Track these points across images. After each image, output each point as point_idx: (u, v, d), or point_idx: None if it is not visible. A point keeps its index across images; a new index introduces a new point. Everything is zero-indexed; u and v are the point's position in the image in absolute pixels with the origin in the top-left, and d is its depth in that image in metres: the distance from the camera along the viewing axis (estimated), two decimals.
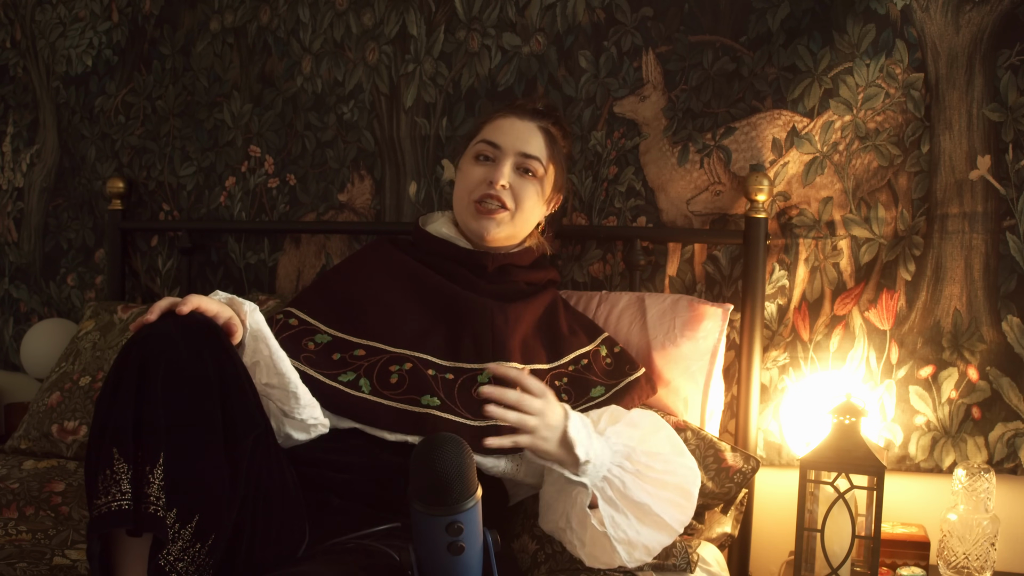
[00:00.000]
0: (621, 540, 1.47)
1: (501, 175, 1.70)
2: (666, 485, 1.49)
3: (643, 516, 1.47)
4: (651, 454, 1.50)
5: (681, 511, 1.51)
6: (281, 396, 1.53)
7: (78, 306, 2.63)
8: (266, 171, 2.41)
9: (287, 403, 1.53)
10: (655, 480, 1.49)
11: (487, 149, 1.73)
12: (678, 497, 1.51)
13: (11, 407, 2.65)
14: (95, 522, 1.24)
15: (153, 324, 1.34)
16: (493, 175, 1.70)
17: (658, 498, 1.48)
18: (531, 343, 1.69)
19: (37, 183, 2.70)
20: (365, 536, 1.46)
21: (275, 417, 1.54)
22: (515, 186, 1.71)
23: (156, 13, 2.52)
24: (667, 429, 1.58)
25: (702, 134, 2.05)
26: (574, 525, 1.50)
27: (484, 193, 1.70)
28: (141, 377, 1.28)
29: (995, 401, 1.89)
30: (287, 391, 1.52)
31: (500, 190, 1.70)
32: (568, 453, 1.44)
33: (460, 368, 1.63)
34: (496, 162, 1.72)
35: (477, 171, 1.73)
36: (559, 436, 1.44)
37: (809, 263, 2.01)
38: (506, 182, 1.70)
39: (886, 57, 1.93)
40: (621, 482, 1.46)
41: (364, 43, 2.32)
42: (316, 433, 1.59)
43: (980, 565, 1.74)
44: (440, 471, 1.19)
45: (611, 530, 1.46)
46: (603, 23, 2.12)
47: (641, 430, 1.54)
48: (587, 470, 1.45)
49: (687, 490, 1.52)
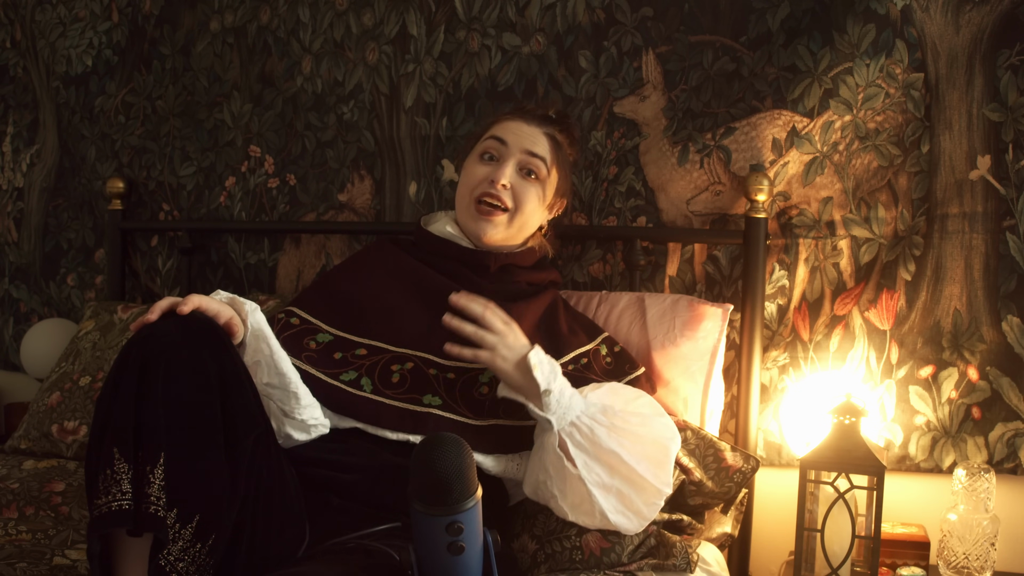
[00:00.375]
0: (595, 483, 1.49)
1: (503, 174, 1.70)
2: (641, 439, 1.52)
3: (616, 465, 1.50)
4: (629, 412, 1.54)
5: (657, 466, 1.53)
6: (282, 396, 1.53)
7: (78, 306, 2.63)
8: (266, 171, 2.41)
9: (288, 403, 1.53)
10: (630, 434, 1.51)
11: (493, 146, 1.74)
12: (653, 451, 1.53)
13: (11, 407, 2.65)
14: (95, 522, 1.24)
15: (154, 324, 1.34)
16: (496, 174, 1.70)
17: (631, 451, 1.50)
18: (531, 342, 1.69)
19: (37, 183, 2.70)
20: (365, 536, 1.46)
21: (275, 417, 1.54)
22: (516, 187, 1.71)
23: (156, 13, 2.52)
24: (648, 397, 1.62)
25: (702, 134, 2.05)
26: (551, 471, 1.52)
27: (485, 192, 1.71)
28: (142, 377, 1.28)
29: (995, 401, 1.89)
30: (288, 391, 1.52)
31: (501, 189, 1.70)
32: (528, 380, 1.51)
33: (461, 367, 1.63)
34: (500, 161, 1.72)
35: (481, 169, 1.73)
36: (518, 358, 1.53)
37: (809, 263, 2.01)
38: (507, 181, 1.70)
39: (886, 57, 1.93)
40: (590, 429, 1.49)
41: (364, 43, 2.32)
42: (316, 433, 1.59)
43: (980, 565, 1.74)
44: (440, 471, 1.19)
45: (584, 472, 1.49)
46: (603, 23, 2.12)
47: (622, 397, 1.57)
48: (550, 404, 1.49)
49: (664, 445, 1.54)
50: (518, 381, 1.54)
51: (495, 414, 1.61)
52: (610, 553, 1.57)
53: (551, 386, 1.50)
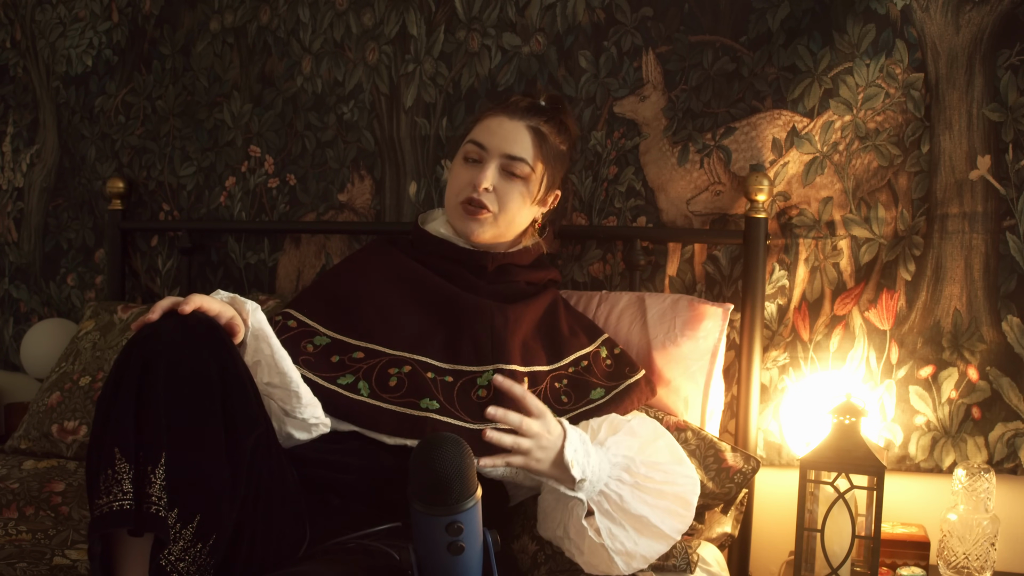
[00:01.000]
0: (619, 552, 1.46)
1: (484, 178, 1.70)
2: (664, 495, 1.49)
3: (641, 528, 1.47)
4: (650, 464, 1.50)
5: (680, 520, 1.51)
6: (283, 395, 1.53)
7: (78, 306, 2.63)
8: (266, 171, 2.41)
9: (289, 402, 1.53)
10: (654, 491, 1.48)
11: (473, 151, 1.74)
12: (677, 507, 1.50)
13: (11, 407, 2.65)
14: (97, 522, 1.24)
15: (154, 324, 1.34)
16: (476, 178, 1.70)
17: (657, 508, 1.48)
18: (531, 344, 1.69)
19: (37, 183, 2.70)
20: (365, 536, 1.46)
21: (276, 417, 1.54)
22: (499, 188, 1.71)
23: (156, 13, 2.52)
24: (666, 437, 1.58)
25: (702, 134, 2.05)
26: (571, 535, 1.50)
27: (468, 196, 1.71)
28: (142, 377, 1.28)
29: (995, 401, 1.89)
30: (289, 390, 1.52)
31: (483, 193, 1.70)
32: (563, 472, 1.44)
33: (460, 371, 1.63)
34: (481, 164, 1.72)
35: (464, 173, 1.73)
36: (554, 457, 1.44)
37: (809, 263, 2.01)
38: (489, 185, 1.70)
39: (886, 57, 1.93)
40: (618, 496, 1.46)
41: (364, 43, 2.32)
42: (317, 432, 1.58)
43: (980, 565, 1.74)
44: (440, 471, 1.19)
45: (608, 541, 1.46)
46: (603, 23, 2.12)
47: (640, 439, 1.53)
48: (583, 487, 1.45)
49: (686, 500, 1.52)
50: (551, 475, 1.46)
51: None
52: None
53: (585, 473, 1.44)
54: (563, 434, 1.45)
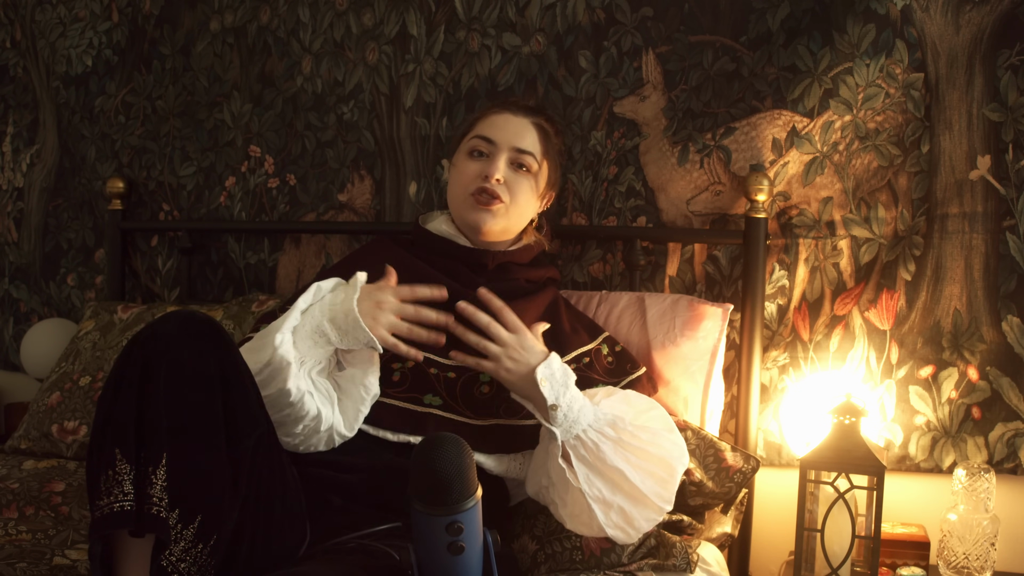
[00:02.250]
0: (596, 499, 1.48)
1: (496, 169, 1.70)
2: (648, 456, 1.50)
3: (619, 482, 1.48)
4: (639, 427, 1.51)
5: (660, 484, 1.51)
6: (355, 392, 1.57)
7: (78, 306, 2.63)
8: (266, 171, 2.41)
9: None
10: (636, 449, 1.50)
11: (481, 144, 1.74)
12: (659, 470, 1.51)
13: (11, 407, 2.65)
14: (98, 523, 1.24)
15: (155, 324, 1.34)
16: (488, 169, 1.70)
17: (637, 468, 1.49)
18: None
19: (37, 183, 2.70)
20: (366, 536, 1.46)
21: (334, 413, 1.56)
22: (509, 180, 1.72)
23: (156, 13, 2.52)
24: (660, 410, 1.59)
25: (702, 134, 2.05)
26: (554, 480, 1.51)
27: (479, 187, 1.70)
28: (143, 377, 1.28)
29: (995, 401, 1.89)
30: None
31: (495, 184, 1.70)
32: (535, 393, 1.47)
33: (462, 367, 1.63)
34: (490, 157, 1.72)
35: (472, 166, 1.73)
36: (525, 371, 1.49)
37: (809, 263, 2.01)
38: (501, 176, 1.70)
39: (886, 57, 1.93)
40: (595, 444, 1.48)
41: (364, 43, 2.32)
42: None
43: (980, 565, 1.74)
44: (440, 471, 1.19)
45: (585, 486, 1.47)
46: (603, 23, 2.12)
47: (634, 407, 1.55)
48: (557, 417, 1.47)
49: (670, 464, 1.52)
50: (524, 392, 1.52)
51: (495, 414, 1.61)
52: (610, 553, 1.57)
53: (559, 400, 1.47)
54: (545, 356, 1.51)
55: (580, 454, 1.48)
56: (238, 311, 2.20)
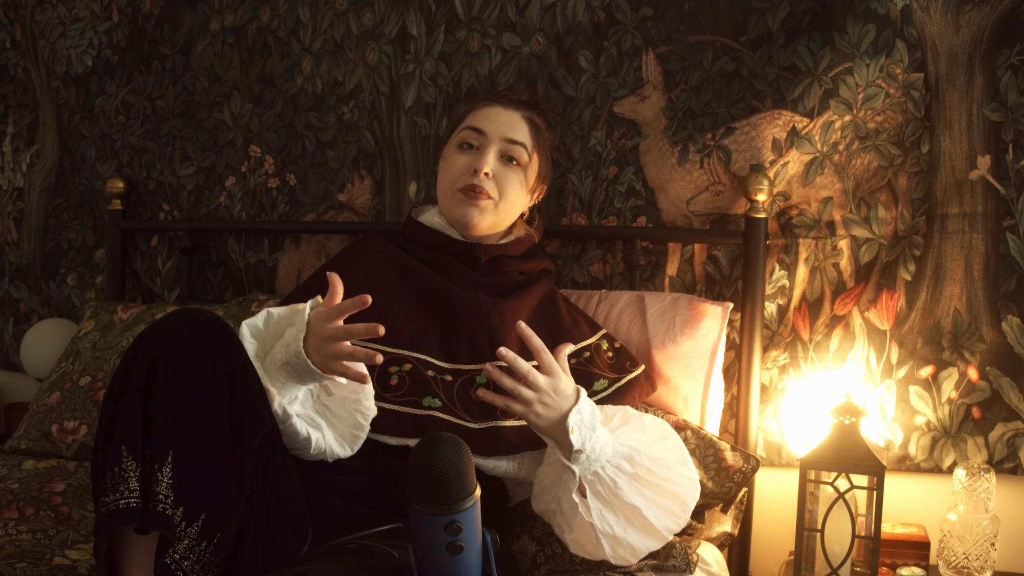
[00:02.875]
0: (606, 534, 1.46)
1: (485, 163, 1.69)
2: (663, 492, 1.49)
3: (632, 518, 1.47)
4: (654, 459, 1.49)
5: (673, 520, 1.50)
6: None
7: (78, 306, 2.63)
8: (266, 171, 2.41)
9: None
10: (652, 485, 1.48)
11: (472, 136, 1.73)
12: (673, 505, 1.50)
13: (11, 407, 2.65)
14: (103, 519, 1.24)
15: (162, 322, 1.34)
16: (477, 163, 1.70)
17: (652, 503, 1.48)
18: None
19: (37, 183, 2.70)
20: (367, 536, 1.46)
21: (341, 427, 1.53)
22: (499, 174, 1.71)
23: (156, 13, 2.52)
24: (675, 438, 1.57)
25: (702, 134, 2.05)
26: (564, 508, 1.49)
27: (468, 183, 1.70)
28: (150, 375, 1.28)
29: (995, 401, 1.89)
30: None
31: (484, 179, 1.69)
32: (563, 436, 1.44)
33: (459, 369, 1.63)
34: (480, 149, 1.72)
35: (461, 159, 1.73)
36: (556, 419, 1.43)
37: (809, 263, 2.01)
38: (490, 170, 1.70)
39: (886, 57, 1.93)
40: (613, 481, 1.45)
41: (364, 43, 2.32)
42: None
43: (980, 565, 1.74)
44: (439, 471, 1.19)
45: (598, 522, 1.46)
46: (603, 23, 2.12)
47: (649, 435, 1.53)
48: (580, 459, 1.44)
49: (683, 500, 1.51)
50: (551, 434, 1.46)
51: (494, 416, 1.61)
52: None
53: (584, 446, 1.43)
54: (575, 399, 1.44)
55: (596, 490, 1.46)
56: (238, 311, 2.20)
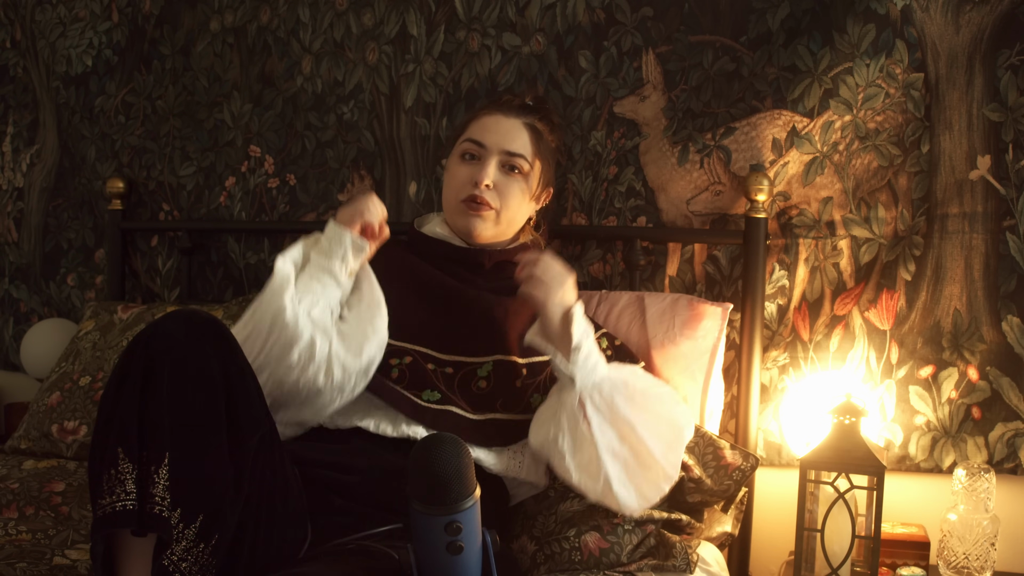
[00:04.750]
0: (607, 448, 1.51)
1: (486, 175, 1.71)
2: (659, 418, 1.55)
3: (629, 435, 1.52)
4: (647, 391, 1.57)
5: (669, 447, 1.55)
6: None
7: (78, 306, 2.63)
8: (266, 171, 2.41)
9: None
10: (647, 410, 1.54)
11: (472, 148, 1.74)
12: (667, 432, 1.55)
13: (11, 407, 2.65)
14: (100, 522, 1.24)
15: (159, 322, 1.34)
16: (478, 175, 1.71)
17: (647, 426, 1.53)
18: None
19: (37, 183, 2.70)
20: (366, 537, 1.46)
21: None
22: (500, 185, 1.72)
23: (156, 13, 2.52)
24: (669, 387, 1.66)
25: (702, 134, 2.05)
26: (565, 427, 1.52)
27: (469, 194, 1.71)
28: (146, 376, 1.28)
29: (995, 401, 1.89)
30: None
31: (485, 190, 1.71)
32: (564, 331, 1.53)
33: (460, 362, 1.63)
34: (481, 161, 1.73)
35: (463, 171, 1.74)
36: (564, 307, 1.55)
37: (809, 263, 2.01)
38: (490, 181, 1.71)
39: (886, 57, 1.93)
40: (610, 396, 1.52)
41: (364, 43, 2.32)
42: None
43: (980, 565, 1.74)
44: (438, 471, 1.19)
45: (598, 434, 1.50)
46: (603, 23, 2.12)
47: (644, 379, 1.61)
48: (577, 360, 1.51)
49: (678, 428, 1.57)
50: (554, 328, 1.54)
51: (493, 408, 1.62)
52: (609, 553, 1.57)
53: (582, 343, 1.52)
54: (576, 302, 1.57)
55: (595, 402, 1.52)
56: (238, 311, 2.20)
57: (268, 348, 1.53)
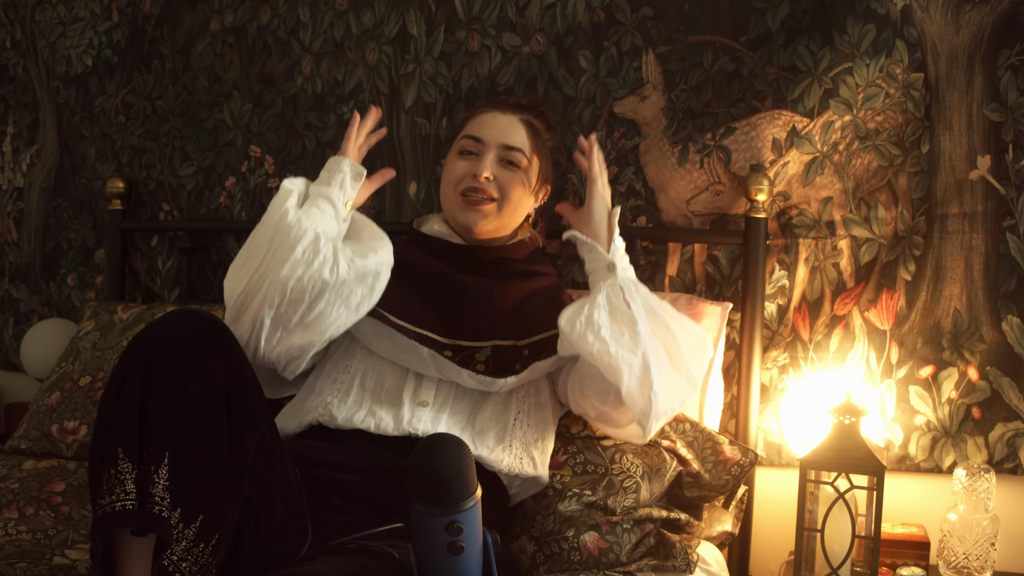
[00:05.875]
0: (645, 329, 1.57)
1: (484, 167, 1.71)
2: (683, 325, 1.65)
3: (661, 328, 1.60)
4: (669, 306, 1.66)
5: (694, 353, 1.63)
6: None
7: (78, 306, 2.63)
8: (266, 171, 2.41)
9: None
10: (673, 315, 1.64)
11: (470, 144, 1.75)
12: (692, 338, 1.64)
13: (11, 407, 2.65)
14: (99, 522, 1.24)
15: (159, 322, 1.34)
16: (477, 168, 1.72)
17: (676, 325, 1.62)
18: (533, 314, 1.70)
19: (37, 183, 2.70)
20: (367, 536, 1.46)
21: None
22: (499, 177, 1.73)
23: (156, 13, 2.52)
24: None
25: (702, 134, 2.05)
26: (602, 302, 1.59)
27: (468, 186, 1.72)
28: (147, 376, 1.28)
29: (995, 401, 1.89)
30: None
31: (484, 182, 1.71)
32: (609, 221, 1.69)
33: (458, 345, 1.64)
34: (479, 156, 1.74)
35: (461, 165, 1.75)
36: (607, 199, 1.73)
37: (809, 263, 2.01)
38: (489, 174, 1.71)
39: (886, 57, 1.93)
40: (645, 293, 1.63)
41: (364, 43, 2.32)
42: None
43: (980, 565, 1.74)
44: (439, 471, 1.19)
45: (637, 314, 1.57)
46: (603, 23, 2.12)
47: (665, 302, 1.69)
48: (617, 252, 1.65)
49: (702, 337, 1.67)
50: (598, 217, 1.69)
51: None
52: (608, 553, 1.57)
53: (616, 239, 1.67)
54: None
55: (631, 294, 1.60)
56: None
57: (272, 252, 1.57)
